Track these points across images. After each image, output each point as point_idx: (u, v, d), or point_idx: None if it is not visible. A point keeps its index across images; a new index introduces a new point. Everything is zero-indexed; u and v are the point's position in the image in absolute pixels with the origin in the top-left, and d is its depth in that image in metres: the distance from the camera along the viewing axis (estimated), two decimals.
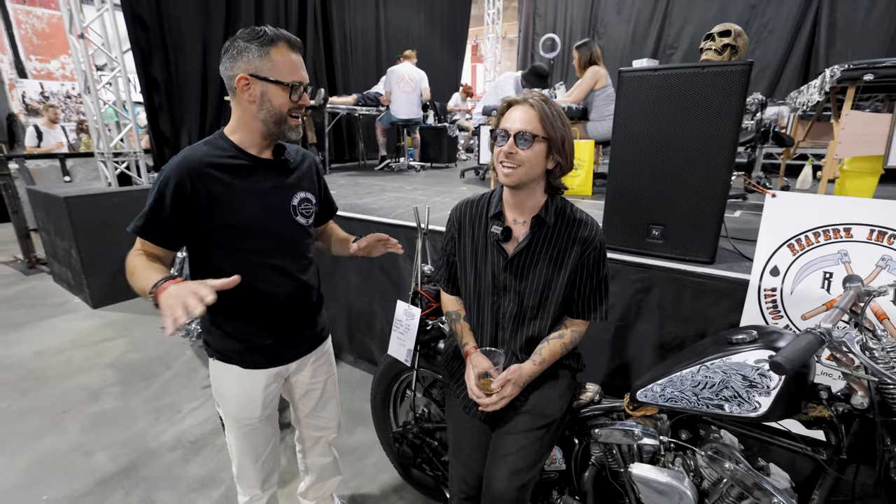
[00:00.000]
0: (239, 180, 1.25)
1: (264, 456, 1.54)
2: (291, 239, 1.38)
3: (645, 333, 1.95)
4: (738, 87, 1.68)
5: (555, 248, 1.34)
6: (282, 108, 1.23)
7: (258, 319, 1.37)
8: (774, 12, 6.49)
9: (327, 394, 1.67)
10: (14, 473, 2.21)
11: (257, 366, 1.40)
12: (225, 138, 1.27)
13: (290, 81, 1.21)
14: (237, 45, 1.18)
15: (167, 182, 1.17)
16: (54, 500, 2.05)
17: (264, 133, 1.27)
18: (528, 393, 1.39)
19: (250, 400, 1.42)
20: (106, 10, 4.09)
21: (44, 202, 4.40)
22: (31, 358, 3.29)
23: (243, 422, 1.45)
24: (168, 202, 1.18)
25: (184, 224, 1.21)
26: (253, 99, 1.21)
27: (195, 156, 1.21)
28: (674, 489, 1.26)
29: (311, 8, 5.63)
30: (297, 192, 1.38)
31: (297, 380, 1.57)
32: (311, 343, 1.54)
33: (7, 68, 8.18)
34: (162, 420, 2.58)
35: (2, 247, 6.11)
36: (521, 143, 1.23)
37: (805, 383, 1.15)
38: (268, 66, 1.18)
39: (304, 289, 1.44)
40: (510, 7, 10.87)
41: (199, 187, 1.19)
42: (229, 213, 1.24)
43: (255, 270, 1.31)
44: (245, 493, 1.59)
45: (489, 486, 1.32)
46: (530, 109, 1.24)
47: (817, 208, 1.60)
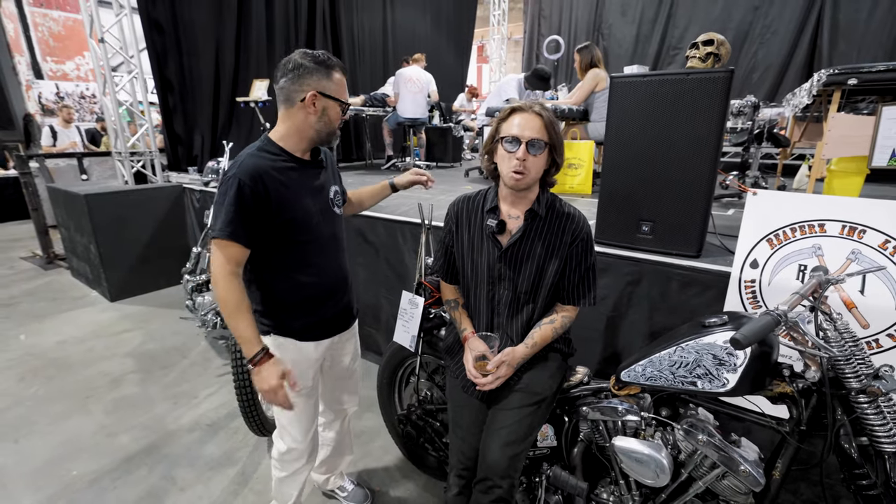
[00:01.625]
0: (292, 180, 1.43)
1: (312, 430, 1.72)
2: (332, 227, 1.58)
3: (635, 323, 2.07)
4: (721, 92, 1.80)
5: (546, 239, 1.47)
6: (335, 121, 1.46)
7: (317, 299, 1.58)
8: (777, 13, 6.53)
9: (353, 367, 1.88)
10: (45, 451, 2.38)
11: (311, 338, 1.60)
12: (273, 144, 1.44)
13: (345, 100, 1.45)
14: (305, 65, 1.37)
15: (243, 187, 1.31)
16: (83, 475, 2.21)
17: (315, 140, 1.48)
18: (521, 373, 1.51)
19: (306, 370, 1.62)
20: (125, 15, 4.25)
21: (64, 199, 4.57)
22: (54, 347, 3.46)
23: (305, 392, 1.63)
24: (249, 205, 1.33)
25: (261, 223, 1.37)
26: (316, 112, 1.41)
27: (261, 162, 1.38)
28: (651, 458, 1.38)
29: (321, 11, 5.77)
30: (332, 186, 1.59)
31: (330, 353, 1.76)
32: (349, 319, 1.75)
33: (24, 69, 8.40)
34: (180, 405, 2.74)
35: (21, 243, 6.32)
36: (532, 151, 1.36)
37: (769, 362, 1.28)
38: (332, 87, 1.41)
39: (344, 271, 1.67)
40: (516, 8, 10.96)
41: (269, 188, 1.36)
42: (289, 209, 1.42)
43: (307, 258, 1.52)
44: (286, 468, 1.71)
45: (484, 456, 1.44)
46: (538, 118, 1.37)
47: (794, 205, 1.72)
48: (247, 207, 1.33)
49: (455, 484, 1.53)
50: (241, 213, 1.33)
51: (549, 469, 1.62)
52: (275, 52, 5.23)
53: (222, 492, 2.10)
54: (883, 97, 3.37)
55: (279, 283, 1.51)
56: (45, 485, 2.15)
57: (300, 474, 1.74)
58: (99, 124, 8.01)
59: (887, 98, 3.35)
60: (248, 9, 4.94)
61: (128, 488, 2.13)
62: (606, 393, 1.60)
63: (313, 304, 1.58)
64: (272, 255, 1.47)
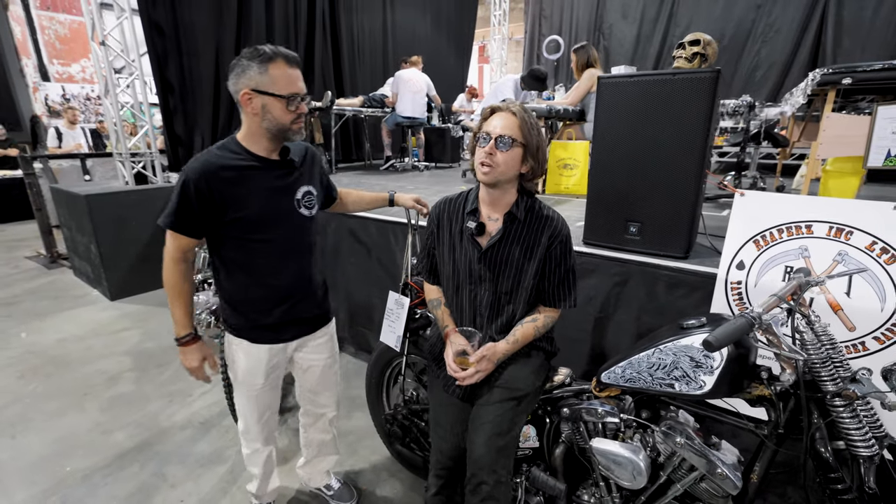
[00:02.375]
0: (249, 180, 1.43)
1: (265, 417, 1.76)
2: (295, 229, 1.55)
3: (622, 324, 2.07)
4: (707, 92, 1.79)
5: (525, 241, 1.48)
6: (281, 118, 1.39)
7: (264, 301, 1.56)
8: (780, 12, 6.47)
9: (327, 373, 1.83)
10: (41, 447, 2.41)
11: (262, 341, 1.59)
12: (237, 143, 1.45)
13: (287, 94, 1.37)
14: (241, 63, 1.35)
15: (188, 184, 1.36)
16: (76, 470, 2.24)
17: (269, 139, 1.44)
18: (502, 369, 1.51)
19: (255, 369, 1.62)
20: (125, 18, 4.30)
21: (66, 200, 4.62)
22: (54, 345, 3.51)
23: (249, 386, 1.65)
24: (192, 200, 1.36)
25: (206, 218, 1.40)
26: (256, 111, 1.37)
27: (212, 160, 1.39)
28: (628, 460, 1.38)
29: (320, 12, 5.79)
30: (301, 187, 1.55)
31: (299, 356, 1.75)
32: (313, 324, 1.71)
33: (31, 72, 8.50)
34: (174, 403, 2.77)
35: (27, 242, 6.39)
36: (500, 146, 1.38)
37: (746, 364, 1.27)
38: (267, 81, 1.34)
39: (306, 274, 1.62)
40: (517, 8, 10.93)
41: (213, 187, 1.37)
42: (240, 208, 1.42)
43: (262, 258, 1.50)
44: (248, 447, 1.81)
45: (470, 451, 1.44)
46: (512, 116, 1.40)
47: (782, 206, 1.71)
48: (189, 202, 1.37)
49: (434, 484, 1.53)
50: (182, 207, 1.37)
51: (528, 470, 1.62)
52: None
53: (211, 489, 2.13)
54: (884, 96, 3.33)
55: (229, 280, 1.54)
56: (40, 480, 2.18)
57: (259, 454, 1.82)
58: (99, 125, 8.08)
59: (888, 97, 3.32)
60: (248, 10, 4.97)
61: (119, 485, 2.15)
62: (588, 394, 1.60)
63: (263, 306, 1.56)
64: (224, 252, 1.50)
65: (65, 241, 5.14)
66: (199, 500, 2.07)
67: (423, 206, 1.95)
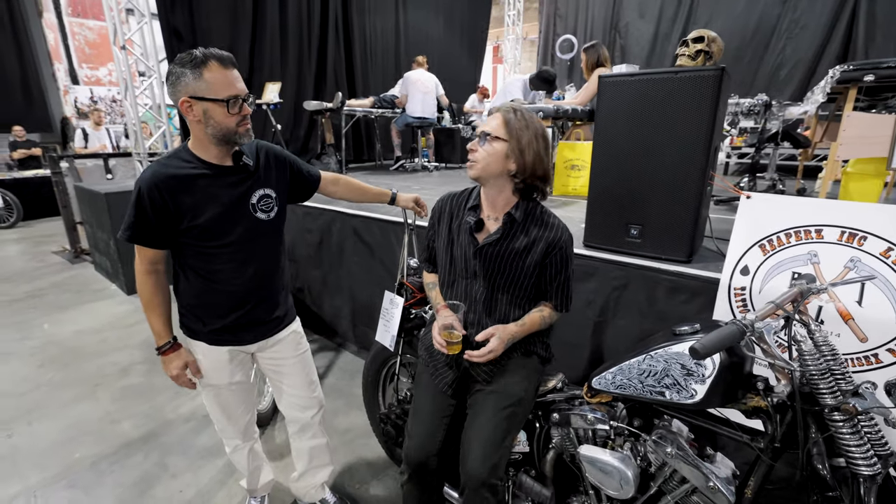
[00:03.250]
0: (200, 188, 1.39)
1: (237, 414, 1.74)
2: (252, 234, 1.51)
3: (622, 329, 2.01)
4: (711, 91, 1.73)
5: (521, 244, 1.46)
6: (224, 121, 1.34)
7: (219, 306, 1.53)
8: (807, 6, 6.23)
9: (297, 369, 1.77)
10: (55, 432, 2.53)
11: (220, 343, 1.57)
12: (188, 151, 1.41)
13: (225, 97, 1.31)
14: (175, 71, 1.30)
15: (142, 195, 1.34)
16: (85, 457, 2.34)
17: (217, 144, 1.39)
18: (496, 376, 1.49)
19: (217, 370, 1.61)
20: (145, 23, 4.40)
21: (88, 197, 4.78)
22: (72, 337, 3.65)
23: (214, 388, 1.65)
24: (147, 211, 1.34)
25: (163, 227, 1.38)
26: (198, 118, 1.33)
27: (161, 170, 1.36)
28: (616, 469, 1.34)
29: (333, 14, 5.83)
30: (256, 191, 1.50)
31: (264, 359, 1.72)
32: (273, 326, 1.67)
33: (62, 76, 8.81)
34: (180, 395, 2.83)
35: (54, 238, 6.62)
36: (481, 141, 1.40)
37: (741, 373, 1.21)
38: (203, 87, 1.29)
39: (264, 278, 1.59)
40: (532, 8, 10.83)
41: (166, 197, 1.34)
42: (193, 217, 1.39)
43: (220, 264, 1.48)
44: (228, 444, 1.82)
45: (464, 463, 1.42)
46: (499, 116, 1.42)
47: (790, 209, 1.64)
48: (144, 213, 1.35)
49: (406, 470, 1.53)
50: (138, 218, 1.36)
51: (515, 475, 1.59)
52: (288, 55, 5.33)
53: (210, 480, 2.17)
54: None
55: (187, 284, 1.51)
56: (51, 465, 2.28)
57: (240, 450, 1.82)
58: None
59: None
60: (263, 14, 5.04)
61: (124, 472, 2.23)
62: (580, 400, 1.56)
63: (219, 311, 1.54)
64: (182, 259, 1.48)
65: (87, 237, 5.31)
66: (198, 491, 2.12)
67: (421, 208, 1.93)
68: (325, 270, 3.36)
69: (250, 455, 1.85)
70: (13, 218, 7.58)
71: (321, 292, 3.46)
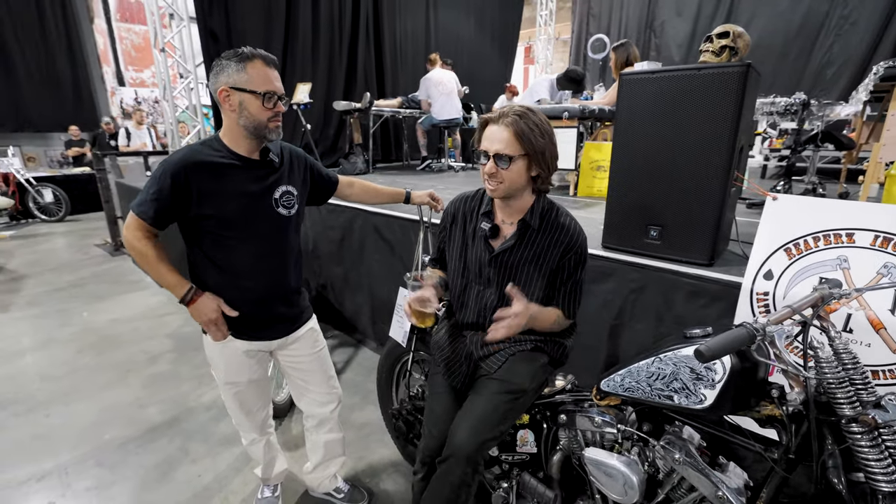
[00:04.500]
0: (227, 177, 1.43)
1: (254, 410, 1.78)
2: (271, 229, 1.55)
3: (639, 332, 1.96)
4: (736, 88, 1.66)
5: (537, 250, 1.43)
6: (258, 114, 1.39)
7: (238, 298, 1.54)
8: (858, 2, 5.91)
9: (316, 368, 1.81)
10: (88, 414, 2.68)
11: (239, 335, 1.59)
12: (219, 141, 1.46)
13: (263, 91, 1.37)
14: (220, 63, 1.37)
15: (165, 174, 1.37)
16: (113, 438, 2.47)
17: (247, 137, 1.44)
18: (502, 364, 1.47)
19: (236, 368, 1.64)
20: (184, 27, 4.58)
21: (127, 193, 5.03)
22: (107, 325, 3.85)
23: (232, 385, 1.68)
24: (166, 191, 1.37)
25: (176, 210, 1.41)
26: (233, 108, 1.38)
27: (191, 155, 1.40)
28: (620, 473, 1.30)
29: (364, 15, 5.91)
30: (280, 187, 1.54)
31: (281, 355, 1.75)
32: (291, 323, 1.70)
33: (110, 78, 9.27)
34: (203, 384, 2.95)
35: (98, 232, 6.97)
36: (500, 164, 1.32)
37: (753, 380, 1.17)
38: (244, 79, 1.36)
39: (281, 274, 1.61)
40: (565, 8, 10.67)
41: (192, 179, 1.38)
42: (216, 205, 1.42)
43: (238, 257, 1.50)
44: (245, 437, 1.87)
45: (452, 436, 1.39)
46: (506, 130, 1.30)
47: (820, 212, 1.56)
48: (162, 193, 1.37)
49: (420, 469, 1.52)
50: (157, 198, 1.37)
51: (519, 475, 1.57)
52: (319, 56, 5.42)
53: (227, 467, 2.25)
54: None
55: (206, 277, 1.53)
56: (82, 444, 2.41)
57: (257, 444, 1.87)
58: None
59: None
60: (296, 15, 5.15)
61: (148, 455, 2.34)
62: (589, 402, 1.53)
63: (237, 307, 1.53)
64: (201, 247, 1.49)
65: None
66: (216, 476, 2.20)
67: (436, 202, 1.93)
68: (346, 267, 3.41)
69: (266, 447, 1.89)
70: (62, 212, 8.03)
71: (342, 289, 3.51)
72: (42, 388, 2.92)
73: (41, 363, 3.24)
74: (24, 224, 7.87)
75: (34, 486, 2.13)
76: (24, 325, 3.86)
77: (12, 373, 3.11)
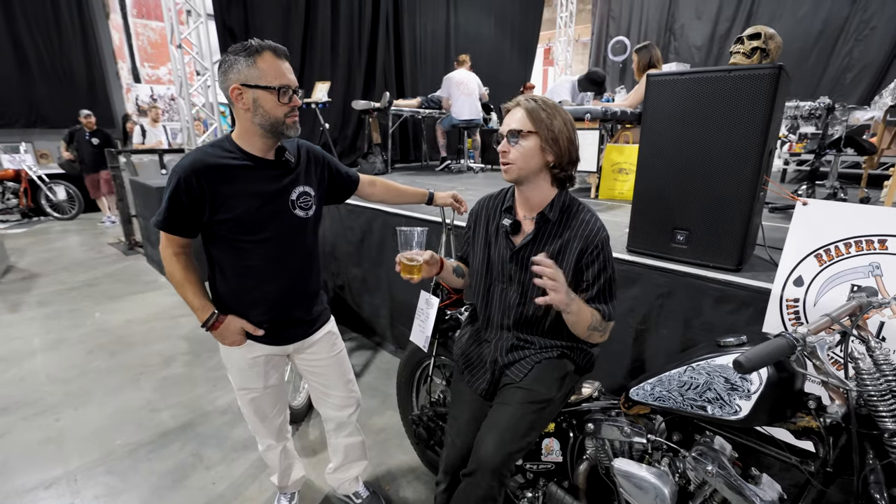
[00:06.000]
0: (240, 180, 1.38)
1: (270, 416, 1.74)
2: (289, 231, 1.50)
3: (665, 338, 1.93)
4: (767, 91, 1.63)
5: (556, 244, 1.40)
6: (273, 111, 1.32)
7: (257, 303, 1.51)
8: (879, 6, 5.83)
9: (334, 371, 1.77)
10: (99, 418, 2.62)
11: (257, 342, 1.55)
12: (231, 141, 1.41)
13: (277, 85, 1.30)
14: (228, 59, 1.30)
15: (178, 181, 1.32)
16: (125, 444, 2.41)
17: (264, 136, 1.38)
18: (527, 372, 1.44)
19: (252, 373, 1.60)
20: (201, 23, 4.60)
21: (142, 191, 5.01)
22: (121, 325, 3.81)
23: (248, 391, 1.64)
24: (182, 199, 1.33)
25: (197, 216, 1.37)
26: (247, 106, 1.32)
27: (202, 158, 1.35)
28: (651, 485, 1.28)
29: (384, 14, 5.89)
30: (297, 187, 1.49)
31: (299, 359, 1.71)
32: (309, 326, 1.65)
33: (125, 74, 9.31)
34: (218, 388, 2.90)
35: (111, 230, 7.02)
36: (511, 141, 1.34)
37: (790, 390, 1.14)
38: (255, 74, 1.29)
39: (300, 277, 1.57)
40: (584, 10, 10.62)
41: (204, 185, 1.33)
42: (230, 208, 1.37)
43: (254, 261, 1.46)
44: (261, 444, 1.83)
45: (478, 448, 1.37)
46: (519, 109, 1.35)
47: (851, 218, 1.52)
48: (180, 203, 1.34)
49: (443, 480, 1.50)
50: (174, 207, 1.35)
51: (546, 485, 1.54)
52: (338, 55, 5.42)
53: (242, 474, 2.20)
54: None
55: (223, 280, 1.50)
56: (92, 450, 2.35)
57: (273, 450, 1.83)
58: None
59: None
60: (315, 13, 5.15)
61: (160, 461, 2.28)
62: (617, 411, 1.50)
63: (255, 310, 1.51)
64: (215, 251, 1.46)
65: (140, 230, 5.57)
66: (231, 483, 2.15)
67: (459, 203, 1.90)
68: (364, 269, 3.38)
69: (282, 454, 1.86)
70: (75, 210, 8.08)
71: (360, 290, 3.48)
72: (52, 391, 2.86)
73: (51, 365, 3.18)
74: (35, 222, 7.83)
75: (41, 494, 2.07)
76: (35, 325, 3.80)
77: (22, 374, 3.05)
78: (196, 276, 1.48)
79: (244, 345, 1.54)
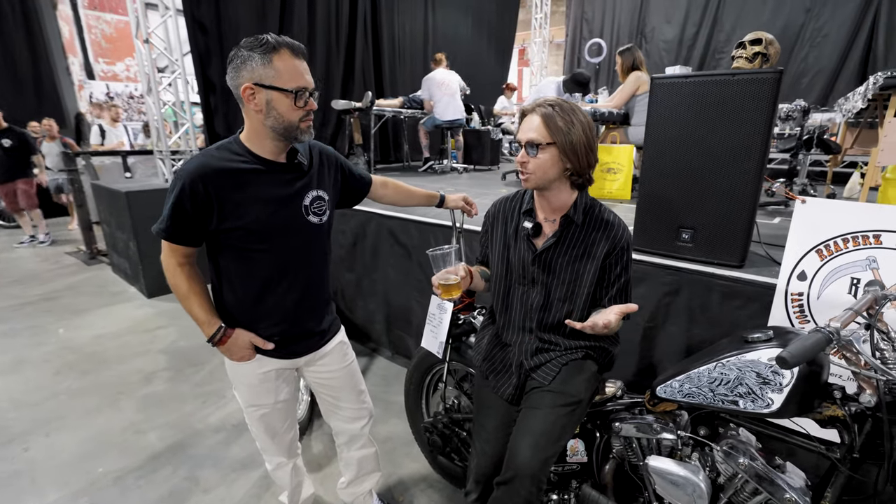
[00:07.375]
0: (250, 184, 1.29)
1: (281, 432, 1.64)
2: (302, 239, 1.42)
3: (673, 335, 1.98)
4: (768, 94, 1.70)
5: (581, 246, 1.41)
6: (288, 115, 1.24)
7: (265, 315, 1.42)
8: (830, 16, 6.26)
9: (346, 383, 1.69)
10: (74, 446, 2.38)
11: (267, 356, 1.46)
12: (240, 144, 1.31)
13: (293, 88, 1.21)
14: (241, 54, 1.19)
15: (183, 187, 1.23)
16: (108, 472, 2.21)
17: (275, 139, 1.29)
18: (555, 374, 1.44)
19: (264, 388, 1.51)
20: (169, 17, 4.39)
21: (106, 196, 4.73)
22: (91, 342, 3.51)
23: (258, 408, 1.54)
24: (187, 206, 1.24)
25: (202, 224, 1.28)
26: (259, 108, 1.22)
27: (209, 162, 1.26)
28: (688, 481, 1.31)
29: (362, 12, 5.78)
30: (310, 192, 1.40)
31: (309, 372, 1.63)
32: (320, 337, 1.57)
33: (77, 70, 8.75)
34: (208, 404, 2.73)
35: (67, 239, 6.54)
36: (530, 152, 1.33)
37: (818, 382, 1.19)
38: (271, 74, 1.19)
39: (312, 287, 1.49)
40: (558, 11, 10.79)
41: (211, 191, 1.24)
42: (240, 215, 1.28)
43: (264, 270, 1.38)
44: (270, 462, 1.73)
45: (513, 455, 1.36)
46: (535, 116, 1.33)
47: (847, 214, 1.61)
48: (184, 210, 1.25)
49: (474, 489, 1.49)
50: (178, 215, 1.26)
51: (579, 487, 1.55)
52: (315, 53, 5.27)
53: (245, 495, 2.07)
54: None
55: (231, 292, 1.41)
56: (72, 480, 2.15)
57: (283, 468, 1.74)
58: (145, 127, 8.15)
59: None
60: (291, 9, 5.00)
61: (151, 488, 2.11)
62: (641, 408, 1.53)
63: (265, 322, 1.43)
64: (223, 261, 1.37)
65: (104, 238, 5.24)
66: None
67: (470, 206, 1.87)
68: (358, 273, 3.30)
69: (293, 472, 1.77)
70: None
71: (354, 296, 3.40)
72: (17, 417, 2.58)
73: (13, 388, 2.87)
74: None
75: None
76: None
77: None
78: (202, 288, 1.39)
79: (253, 359, 1.46)
